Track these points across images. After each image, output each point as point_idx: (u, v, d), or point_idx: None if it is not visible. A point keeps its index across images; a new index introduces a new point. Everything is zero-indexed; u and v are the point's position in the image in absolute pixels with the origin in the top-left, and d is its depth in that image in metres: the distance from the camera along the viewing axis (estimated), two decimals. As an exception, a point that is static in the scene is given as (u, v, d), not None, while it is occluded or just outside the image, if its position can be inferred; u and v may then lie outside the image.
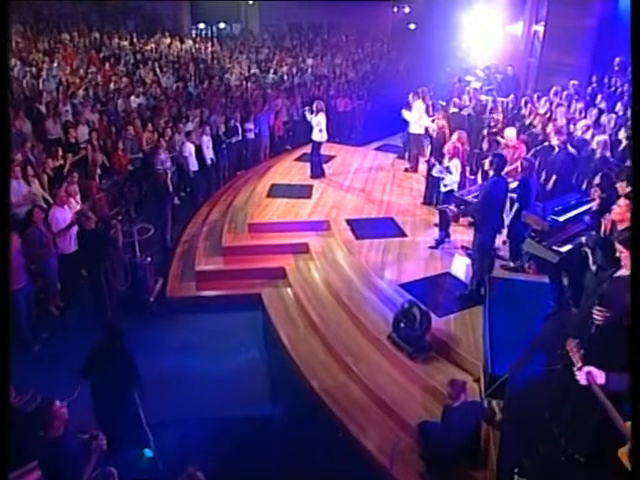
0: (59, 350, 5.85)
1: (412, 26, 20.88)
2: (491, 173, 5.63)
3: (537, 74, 13.56)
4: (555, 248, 5.04)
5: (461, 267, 6.80)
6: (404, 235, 7.72)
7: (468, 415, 4.09)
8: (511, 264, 6.56)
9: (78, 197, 7.31)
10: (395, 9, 21.77)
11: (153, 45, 17.77)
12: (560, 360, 4.59)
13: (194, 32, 21.69)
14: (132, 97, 11.82)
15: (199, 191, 10.13)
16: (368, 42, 20.32)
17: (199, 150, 9.95)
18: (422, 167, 10.08)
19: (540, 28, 13.46)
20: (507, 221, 6.60)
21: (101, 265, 5.87)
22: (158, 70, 14.80)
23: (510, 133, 7.38)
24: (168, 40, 18.58)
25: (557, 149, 7.36)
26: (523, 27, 14.64)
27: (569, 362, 3.04)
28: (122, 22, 20.33)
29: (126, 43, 17.61)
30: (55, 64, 13.87)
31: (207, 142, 10.11)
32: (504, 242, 7.01)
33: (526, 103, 10.25)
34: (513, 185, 6.94)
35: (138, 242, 6.83)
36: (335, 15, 21.30)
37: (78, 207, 7.12)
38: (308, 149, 10.18)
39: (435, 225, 7.72)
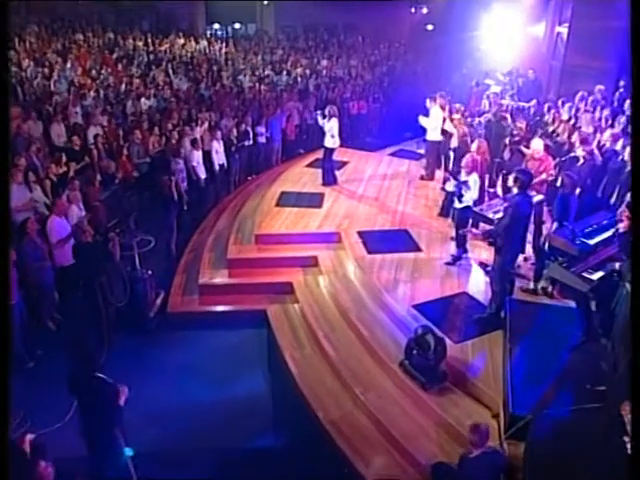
0: (54, 368, 5.58)
1: (430, 27, 20.38)
2: (515, 190, 5.20)
3: (560, 78, 13.01)
4: (585, 275, 4.59)
5: (479, 286, 6.36)
6: (419, 249, 7.30)
7: (488, 467, 3.69)
8: (531, 285, 6.10)
9: (81, 204, 7.06)
10: (413, 10, 21.27)
11: (167, 46, 17.55)
12: (590, 398, 4.20)
13: (209, 32, 21.45)
14: (142, 99, 11.58)
15: (207, 199, 9.84)
16: (385, 43, 19.88)
17: (208, 155, 9.66)
18: (440, 174, 9.69)
19: (564, 30, 12.93)
20: (530, 238, 6.20)
21: (97, 280, 5.59)
22: (171, 71, 14.56)
23: (537, 145, 6.93)
24: (182, 40, 18.37)
25: (582, 160, 6.92)
26: (545, 28, 14.08)
27: (621, 427, 2.63)
28: (137, 22, 20.17)
29: (140, 43, 17.41)
30: (68, 65, 13.69)
31: (216, 147, 9.82)
32: (525, 259, 6.59)
33: (549, 109, 9.78)
34: (537, 198, 6.55)
35: (138, 255, 6.53)
36: (351, 16, 20.85)
37: (82, 214, 6.89)
38: (321, 154, 9.79)
39: (452, 239, 7.31)
